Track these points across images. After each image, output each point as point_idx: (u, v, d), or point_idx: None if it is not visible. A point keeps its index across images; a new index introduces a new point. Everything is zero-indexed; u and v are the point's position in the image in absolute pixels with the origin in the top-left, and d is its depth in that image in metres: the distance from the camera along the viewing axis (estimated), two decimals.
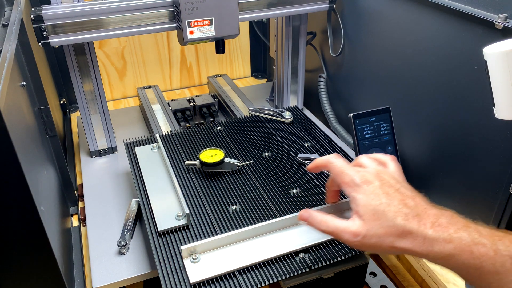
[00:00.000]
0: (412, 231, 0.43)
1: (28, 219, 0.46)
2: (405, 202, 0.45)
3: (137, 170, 0.73)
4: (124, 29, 0.74)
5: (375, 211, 0.45)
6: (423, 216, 0.44)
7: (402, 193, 0.46)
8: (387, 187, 0.46)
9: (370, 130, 0.79)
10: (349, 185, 0.47)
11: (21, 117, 0.55)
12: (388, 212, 0.44)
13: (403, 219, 0.43)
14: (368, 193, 0.46)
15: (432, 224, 0.43)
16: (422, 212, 0.44)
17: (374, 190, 0.46)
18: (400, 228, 0.43)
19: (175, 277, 0.53)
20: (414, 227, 0.43)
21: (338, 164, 0.50)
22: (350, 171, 0.48)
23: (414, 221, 0.43)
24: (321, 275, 0.57)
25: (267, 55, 1.32)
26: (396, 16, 0.76)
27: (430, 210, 0.44)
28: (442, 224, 0.43)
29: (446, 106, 0.69)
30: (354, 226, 0.46)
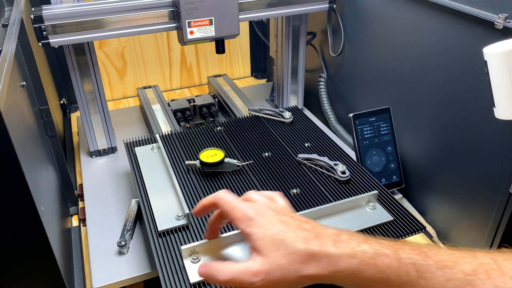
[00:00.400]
0: (315, 252, 0.41)
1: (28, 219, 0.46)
2: (302, 226, 0.43)
3: (137, 170, 0.73)
4: (124, 29, 0.74)
5: (273, 241, 0.42)
6: (322, 235, 0.42)
7: (297, 219, 0.45)
8: (281, 216, 0.45)
9: (370, 130, 0.79)
10: (241, 220, 0.44)
11: (21, 117, 0.55)
12: (287, 239, 0.42)
13: (303, 242, 0.41)
14: (264, 224, 0.44)
15: (334, 242, 0.41)
16: (321, 232, 0.42)
17: (269, 220, 0.44)
18: (302, 253, 0.41)
19: (175, 277, 0.53)
20: (316, 248, 0.41)
21: (228, 200, 0.47)
22: (241, 205, 0.45)
23: (315, 242, 0.41)
24: None
25: (267, 55, 1.32)
26: (396, 16, 0.76)
27: (328, 230, 0.43)
28: (343, 240, 0.41)
29: (446, 106, 0.69)
30: (254, 264, 0.42)
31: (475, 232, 0.68)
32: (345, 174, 0.68)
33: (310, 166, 0.72)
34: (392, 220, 0.61)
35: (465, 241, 0.71)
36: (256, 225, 0.44)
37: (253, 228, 0.44)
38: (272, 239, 0.42)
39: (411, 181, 0.81)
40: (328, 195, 0.66)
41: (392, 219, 0.61)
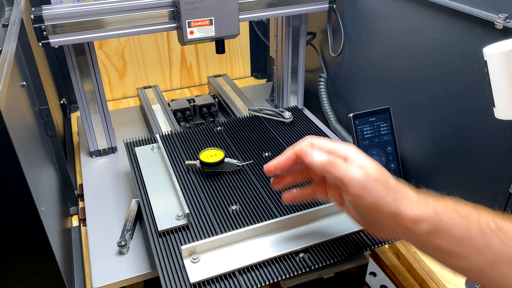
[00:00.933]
0: (405, 191, 0.42)
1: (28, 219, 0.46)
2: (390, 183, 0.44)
3: (137, 170, 0.73)
4: (124, 29, 0.74)
5: (366, 178, 0.43)
6: (403, 185, 0.44)
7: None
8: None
9: (370, 130, 0.80)
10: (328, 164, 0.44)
11: (21, 117, 0.55)
12: (377, 176, 0.43)
13: (393, 180, 0.43)
14: (356, 164, 0.43)
15: (416, 191, 0.43)
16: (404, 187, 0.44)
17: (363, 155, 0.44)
18: (393, 187, 0.42)
19: (175, 277, 0.53)
20: (403, 188, 0.43)
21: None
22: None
23: (400, 183, 0.43)
24: (321, 275, 0.57)
25: (267, 55, 1.32)
26: (396, 16, 0.76)
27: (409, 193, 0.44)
28: (424, 191, 0.43)
29: (446, 106, 0.69)
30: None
31: None
32: None
33: None
34: None
35: None
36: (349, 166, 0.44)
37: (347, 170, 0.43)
38: (363, 175, 0.43)
39: (411, 181, 0.81)
40: None
41: None
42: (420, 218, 0.41)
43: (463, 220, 0.40)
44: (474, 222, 0.39)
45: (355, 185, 0.42)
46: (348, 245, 0.57)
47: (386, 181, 0.43)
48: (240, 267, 0.54)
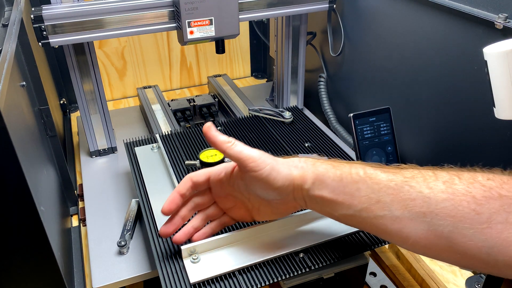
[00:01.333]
0: (291, 159, 0.51)
1: (28, 219, 0.46)
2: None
3: (137, 170, 0.73)
4: (124, 29, 0.74)
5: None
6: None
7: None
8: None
9: (370, 130, 0.79)
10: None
11: (21, 117, 0.55)
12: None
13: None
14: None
15: (298, 161, 0.51)
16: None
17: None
18: (282, 158, 0.51)
19: (175, 277, 0.53)
20: (290, 157, 0.52)
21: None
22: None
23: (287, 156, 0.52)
24: (321, 275, 0.57)
25: (267, 55, 1.32)
26: (396, 16, 0.76)
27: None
28: (305, 160, 0.51)
29: (446, 106, 0.69)
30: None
31: None
32: None
33: None
34: None
35: None
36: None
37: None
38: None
39: None
40: None
41: None
42: (304, 173, 0.48)
43: (336, 170, 0.47)
44: (346, 172, 0.46)
45: (254, 157, 0.49)
46: (348, 245, 0.57)
47: (272, 156, 0.51)
48: (240, 267, 0.54)
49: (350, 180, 0.46)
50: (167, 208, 0.52)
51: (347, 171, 0.47)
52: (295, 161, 0.50)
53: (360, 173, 0.46)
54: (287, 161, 0.50)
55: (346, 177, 0.46)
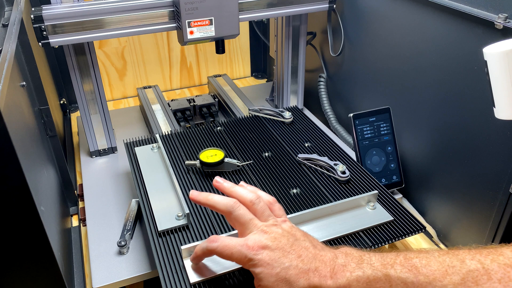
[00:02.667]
0: (316, 287, 0.44)
1: (28, 219, 0.46)
2: (302, 257, 0.45)
3: (137, 170, 0.73)
4: (124, 29, 0.74)
5: (277, 280, 0.44)
6: (320, 267, 0.44)
7: (296, 245, 0.46)
8: (280, 244, 0.46)
9: (370, 130, 0.79)
10: (243, 262, 0.46)
11: (21, 117, 0.55)
12: (290, 277, 0.44)
13: (305, 279, 0.44)
14: (265, 263, 0.45)
15: (331, 273, 0.44)
16: (319, 262, 0.45)
17: (270, 256, 0.45)
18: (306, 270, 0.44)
19: (175, 277, 0.53)
20: (316, 283, 0.44)
21: (223, 246, 0.47)
22: (237, 248, 0.46)
23: (315, 277, 0.44)
24: None
25: (267, 55, 1.32)
26: (396, 16, 0.76)
27: (325, 256, 0.45)
28: (339, 270, 0.44)
29: (446, 106, 0.69)
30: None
31: (475, 232, 0.68)
32: (345, 174, 0.68)
33: (310, 166, 0.72)
34: (392, 220, 0.61)
35: (465, 241, 0.71)
36: (259, 265, 0.45)
37: (255, 268, 0.45)
38: (276, 278, 0.44)
39: (411, 181, 0.81)
40: (328, 195, 0.66)
41: (392, 219, 0.61)
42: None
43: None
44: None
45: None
46: (348, 245, 0.57)
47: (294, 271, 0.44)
48: (240, 267, 0.54)
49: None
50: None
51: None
52: (326, 273, 0.44)
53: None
54: (312, 272, 0.45)
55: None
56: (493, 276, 0.38)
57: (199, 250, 0.50)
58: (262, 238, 0.46)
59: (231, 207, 0.49)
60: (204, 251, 0.49)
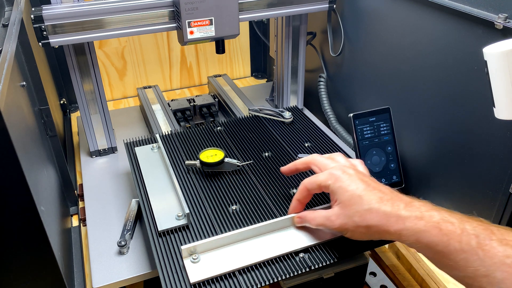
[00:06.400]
0: (386, 212, 0.46)
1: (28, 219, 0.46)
2: (380, 188, 0.49)
3: (137, 170, 0.73)
4: (124, 29, 0.74)
5: (352, 196, 0.49)
6: (396, 199, 0.47)
7: (376, 181, 0.51)
8: (362, 176, 0.52)
9: (370, 130, 0.79)
10: (327, 179, 0.52)
11: (21, 117, 0.55)
12: (364, 196, 0.48)
13: (377, 202, 0.47)
14: (345, 180, 0.50)
15: (405, 205, 0.46)
16: (396, 197, 0.48)
17: (351, 177, 0.50)
18: (375, 210, 0.46)
19: (175, 277, 0.53)
20: (388, 209, 0.46)
21: (320, 161, 0.57)
22: (329, 165, 0.54)
23: (388, 203, 0.47)
24: (321, 275, 0.57)
25: (267, 55, 1.32)
26: (396, 16, 0.76)
27: (404, 196, 0.48)
28: (415, 205, 0.46)
29: (446, 106, 0.69)
30: (333, 214, 0.51)
31: None
32: None
33: None
34: None
35: None
36: (340, 181, 0.51)
37: (336, 183, 0.51)
38: (351, 193, 0.49)
39: (411, 181, 0.81)
40: (328, 195, 0.66)
41: None
42: (401, 234, 0.45)
43: (443, 237, 0.42)
44: (455, 240, 0.42)
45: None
46: (348, 245, 0.57)
47: (368, 203, 0.48)
48: (240, 267, 0.54)
49: (457, 248, 0.41)
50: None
51: (456, 238, 0.42)
52: (393, 213, 0.46)
53: (472, 242, 0.41)
54: (382, 211, 0.47)
55: (453, 244, 0.42)
56: None
57: (300, 161, 0.61)
58: (348, 168, 0.53)
59: (311, 157, 0.59)
60: (305, 162, 0.59)
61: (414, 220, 0.44)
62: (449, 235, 0.42)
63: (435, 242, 0.43)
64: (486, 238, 0.40)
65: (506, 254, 0.39)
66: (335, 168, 0.53)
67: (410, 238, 0.44)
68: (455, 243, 0.41)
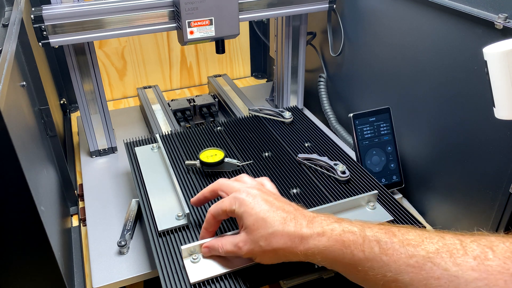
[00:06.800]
0: (290, 233, 0.46)
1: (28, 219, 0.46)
2: (284, 207, 0.48)
3: (137, 170, 0.73)
4: (124, 29, 0.74)
5: (256, 219, 0.48)
6: (299, 218, 0.47)
7: (281, 201, 0.50)
8: (267, 196, 0.50)
9: (370, 130, 0.80)
10: (231, 204, 0.50)
11: (21, 117, 0.55)
12: (268, 218, 0.47)
13: (281, 223, 0.46)
14: (249, 203, 0.49)
15: (308, 223, 0.46)
16: (300, 215, 0.47)
17: (255, 199, 0.49)
18: (279, 233, 0.46)
19: (175, 277, 0.53)
20: (292, 229, 0.46)
21: (225, 185, 0.54)
22: (235, 187, 0.52)
23: (291, 223, 0.46)
24: (321, 275, 0.57)
25: (267, 55, 1.32)
26: (396, 16, 0.76)
27: (307, 212, 0.48)
28: (317, 221, 0.46)
29: (446, 106, 0.69)
30: (240, 239, 0.49)
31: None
32: (345, 174, 0.68)
33: (310, 166, 0.72)
34: (392, 220, 0.61)
35: None
36: (244, 204, 0.49)
37: (241, 207, 0.49)
38: (255, 217, 0.48)
39: (411, 181, 0.81)
40: (328, 195, 0.66)
41: (392, 219, 0.61)
42: (306, 254, 0.45)
43: (347, 250, 0.42)
44: (358, 249, 0.42)
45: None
46: None
47: (272, 225, 0.47)
48: (240, 267, 0.54)
49: (362, 257, 0.41)
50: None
51: (359, 247, 0.41)
52: (296, 234, 0.46)
53: (375, 249, 0.40)
54: (287, 232, 0.46)
55: (357, 255, 0.41)
56: (470, 253, 0.37)
57: (207, 189, 0.57)
58: (253, 189, 0.51)
59: (216, 183, 0.56)
60: (212, 189, 0.56)
61: (316, 237, 0.44)
62: (351, 246, 0.42)
63: (341, 255, 0.42)
64: (387, 242, 0.40)
65: (408, 255, 0.39)
66: (239, 191, 0.51)
67: (316, 257, 0.44)
68: (359, 252, 0.41)
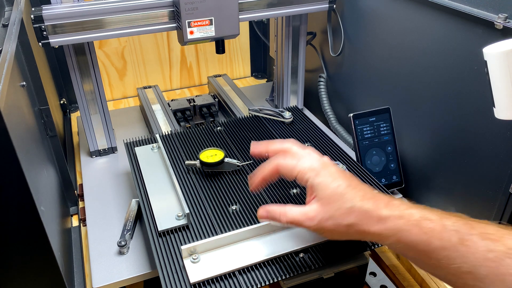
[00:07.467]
0: (368, 211, 0.45)
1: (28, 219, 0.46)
2: (361, 186, 0.47)
3: (137, 170, 0.73)
4: (124, 29, 0.74)
5: (333, 193, 0.46)
6: (377, 198, 0.46)
7: (357, 179, 0.49)
8: (344, 173, 0.49)
9: (370, 130, 0.79)
10: (306, 172, 0.48)
11: (21, 117, 0.55)
12: (346, 194, 0.46)
13: (360, 200, 0.45)
14: (327, 176, 0.47)
15: (386, 204, 0.45)
16: (377, 195, 0.46)
17: (333, 174, 0.48)
18: (357, 209, 0.45)
19: (175, 277, 0.53)
20: (370, 207, 0.45)
21: (287, 163, 0.50)
22: (305, 161, 0.49)
23: (370, 201, 0.45)
24: (321, 275, 0.57)
25: (267, 55, 1.32)
26: (396, 16, 0.76)
27: (383, 195, 0.47)
28: (395, 204, 0.45)
29: (446, 106, 0.69)
30: (311, 211, 0.47)
31: None
32: None
33: None
34: None
35: None
36: (322, 175, 0.47)
37: (317, 178, 0.47)
38: (333, 191, 0.46)
39: (411, 181, 0.81)
40: None
41: None
42: (381, 234, 0.44)
43: (424, 236, 0.41)
44: (435, 237, 0.41)
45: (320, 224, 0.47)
46: (348, 245, 0.57)
47: (349, 203, 0.46)
48: (240, 267, 0.54)
49: (438, 245, 0.40)
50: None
51: (436, 235, 0.41)
52: (373, 214, 0.45)
53: (453, 239, 0.40)
54: (363, 211, 0.45)
55: (434, 242, 0.40)
56: None
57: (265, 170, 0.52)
58: (329, 163, 0.49)
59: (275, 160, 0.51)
60: (271, 169, 0.51)
61: (394, 219, 0.43)
62: (429, 233, 0.41)
63: (416, 241, 0.42)
64: (466, 233, 0.39)
65: (488, 249, 0.38)
66: (315, 161, 0.49)
67: (390, 238, 0.43)
68: (436, 240, 0.40)
